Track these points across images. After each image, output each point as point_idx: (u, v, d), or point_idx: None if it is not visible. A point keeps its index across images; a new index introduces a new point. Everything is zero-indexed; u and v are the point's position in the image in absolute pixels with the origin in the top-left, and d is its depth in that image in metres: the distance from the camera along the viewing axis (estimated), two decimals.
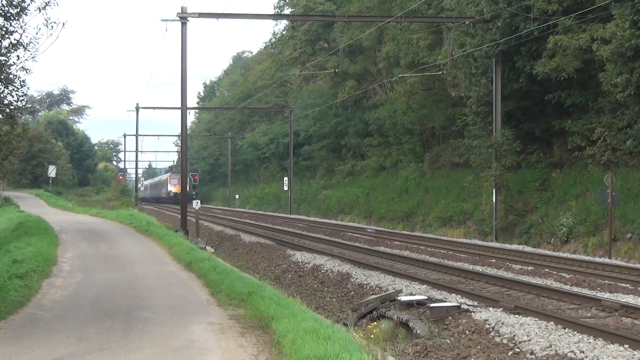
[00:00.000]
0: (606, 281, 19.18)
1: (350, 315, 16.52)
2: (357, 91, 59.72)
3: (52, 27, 19.56)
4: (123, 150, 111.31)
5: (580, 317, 14.09)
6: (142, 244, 27.24)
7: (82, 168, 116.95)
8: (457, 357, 12.48)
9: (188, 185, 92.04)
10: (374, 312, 15.75)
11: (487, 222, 35.29)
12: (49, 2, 20.27)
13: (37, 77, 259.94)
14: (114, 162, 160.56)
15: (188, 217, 35.65)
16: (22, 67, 21.50)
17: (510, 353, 12.10)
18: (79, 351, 9.88)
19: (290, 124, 68.95)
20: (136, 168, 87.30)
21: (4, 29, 20.57)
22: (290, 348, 9.30)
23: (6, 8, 20.46)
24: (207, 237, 38.60)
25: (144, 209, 65.33)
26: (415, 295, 16.59)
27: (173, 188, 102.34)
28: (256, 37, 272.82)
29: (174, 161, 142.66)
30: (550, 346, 11.89)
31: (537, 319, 13.72)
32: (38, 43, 20.56)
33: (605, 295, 16.76)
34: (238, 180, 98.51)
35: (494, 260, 24.07)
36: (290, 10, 72.39)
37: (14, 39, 20.83)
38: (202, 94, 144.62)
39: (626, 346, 11.63)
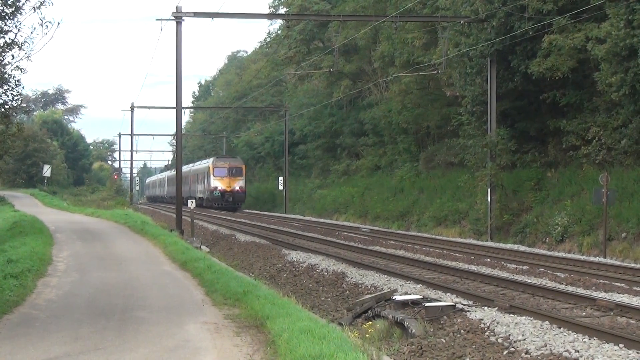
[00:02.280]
0: (601, 280, 19.21)
1: (346, 315, 16.52)
2: (352, 90, 59.73)
3: (47, 26, 19.60)
4: (118, 149, 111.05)
5: (575, 317, 14.11)
6: (137, 243, 27.21)
7: (77, 167, 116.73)
8: (452, 356, 12.49)
9: (240, 181, 66.58)
10: (369, 312, 15.75)
11: (482, 222, 35.31)
12: (43, 1, 20.29)
13: (32, 77, 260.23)
14: (109, 162, 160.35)
15: (183, 217, 35.61)
16: (17, 66, 21.56)
17: (505, 352, 12.11)
18: (74, 351, 9.87)
19: (285, 123, 68.92)
20: (131, 167, 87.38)
21: None
22: (286, 347, 9.30)
23: (1, 7, 20.46)
24: (202, 236, 38.55)
25: (139, 209, 65.26)
26: (410, 294, 16.59)
27: (220, 183, 67.79)
28: (251, 36, 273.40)
29: (169, 160, 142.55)
30: (545, 345, 11.90)
31: (532, 318, 13.73)
32: (33, 42, 20.61)
33: (600, 294, 16.78)
34: None
35: (489, 260, 24.09)
36: (285, 9, 72.31)
37: (9, 38, 20.87)
38: (197, 93, 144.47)
39: (621, 345, 11.65)
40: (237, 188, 67.49)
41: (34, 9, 20.22)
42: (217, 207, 66.86)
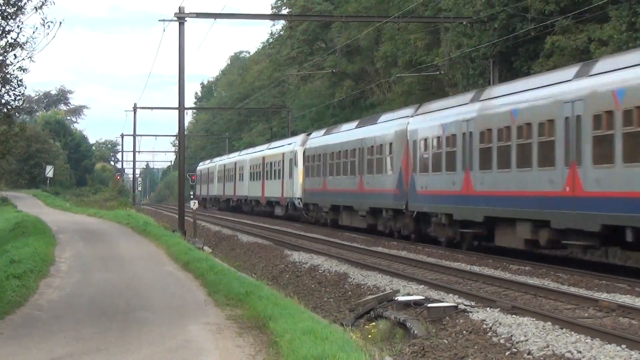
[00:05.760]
0: (603, 281, 19.17)
1: (348, 316, 16.51)
2: (355, 91, 59.70)
3: (49, 26, 19.61)
4: (121, 150, 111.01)
5: (578, 317, 14.09)
6: (139, 244, 27.24)
7: (79, 168, 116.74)
8: (454, 357, 12.48)
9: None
10: (372, 312, 15.74)
11: None
12: (45, 1, 20.28)
13: (35, 77, 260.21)
14: (112, 162, 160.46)
15: (185, 217, 35.63)
16: (20, 66, 21.55)
17: (507, 353, 12.10)
18: (77, 351, 9.88)
19: (287, 124, 68.92)
20: (134, 168, 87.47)
21: (1, 28, 20.57)
22: (288, 348, 9.31)
23: (3, 7, 20.47)
24: (204, 237, 38.55)
25: (142, 209, 65.29)
26: (412, 295, 16.58)
27: None
28: (254, 37, 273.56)
29: (171, 161, 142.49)
30: (548, 346, 11.89)
31: (534, 319, 13.71)
32: (35, 42, 20.60)
33: (603, 295, 16.74)
34: None
35: (491, 261, 24.04)
36: (287, 10, 72.33)
37: (11, 38, 20.87)
38: (199, 94, 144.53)
39: (623, 346, 11.63)
40: None
41: (36, 9, 20.22)
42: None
